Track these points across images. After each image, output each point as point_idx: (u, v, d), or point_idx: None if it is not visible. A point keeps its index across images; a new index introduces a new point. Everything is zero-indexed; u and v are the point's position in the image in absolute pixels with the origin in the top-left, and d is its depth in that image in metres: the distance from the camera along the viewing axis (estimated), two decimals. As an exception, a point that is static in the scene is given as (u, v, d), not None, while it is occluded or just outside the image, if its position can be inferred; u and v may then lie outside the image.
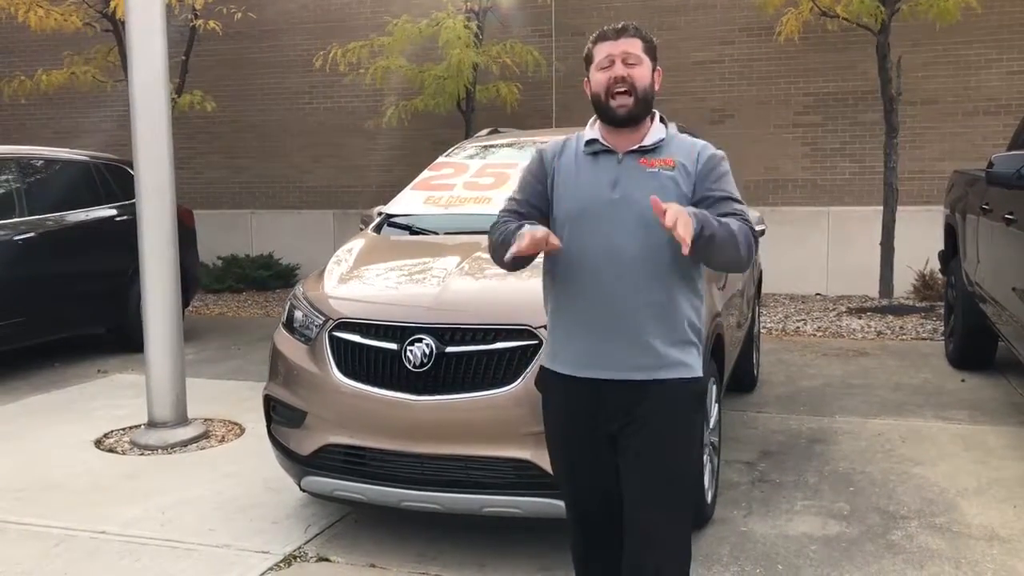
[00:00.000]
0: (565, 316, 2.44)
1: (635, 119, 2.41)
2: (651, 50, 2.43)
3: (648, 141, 2.42)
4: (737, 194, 2.43)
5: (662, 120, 2.50)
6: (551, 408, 2.54)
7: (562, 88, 10.65)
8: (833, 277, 9.93)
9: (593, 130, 2.48)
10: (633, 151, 2.41)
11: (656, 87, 2.44)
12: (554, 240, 2.28)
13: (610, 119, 2.41)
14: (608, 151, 2.43)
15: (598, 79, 2.40)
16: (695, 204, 2.36)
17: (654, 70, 2.44)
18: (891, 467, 4.53)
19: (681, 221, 2.09)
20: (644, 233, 2.33)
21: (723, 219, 2.30)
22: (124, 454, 4.95)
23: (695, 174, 2.40)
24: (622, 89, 2.36)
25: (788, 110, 10.09)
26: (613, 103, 2.38)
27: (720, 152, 2.48)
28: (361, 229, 4.92)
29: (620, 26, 2.43)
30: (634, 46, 2.39)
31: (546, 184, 2.50)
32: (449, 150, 5.38)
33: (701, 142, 2.50)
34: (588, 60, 2.46)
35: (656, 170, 2.38)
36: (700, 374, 2.44)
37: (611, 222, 2.36)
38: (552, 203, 2.48)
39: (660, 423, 2.35)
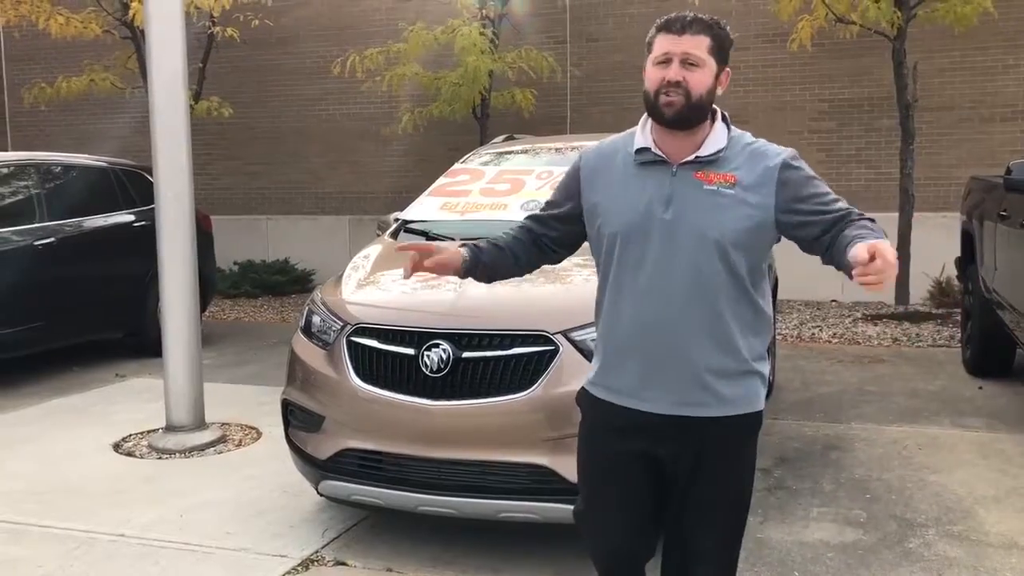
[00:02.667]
0: (612, 341, 2.23)
1: (686, 122, 2.13)
2: (719, 49, 2.13)
3: (706, 151, 2.15)
4: (830, 190, 2.18)
5: (725, 120, 2.22)
6: (591, 429, 2.32)
7: (577, 94, 10.67)
8: (848, 283, 9.73)
9: (644, 134, 2.21)
10: (689, 162, 2.15)
11: (720, 90, 2.17)
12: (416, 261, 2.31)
13: (657, 118, 2.16)
14: (661, 161, 2.17)
15: (651, 76, 2.13)
16: (784, 227, 2.15)
17: (720, 72, 2.15)
18: (908, 474, 4.51)
19: (886, 275, 1.86)
20: (699, 258, 2.11)
21: (863, 229, 2.06)
22: (142, 458, 4.99)
23: (775, 192, 2.12)
24: (673, 92, 2.10)
25: (803, 116, 10.07)
26: (660, 100, 2.11)
27: (788, 153, 2.19)
28: (378, 235, 4.95)
29: (689, 18, 2.11)
30: (699, 45, 2.10)
31: (577, 200, 2.31)
32: (465, 156, 5.40)
33: (769, 149, 2.21)
34: (648, 47, 2.17)
35: (715, 187, 2.12)
36: (759, 408, 2.23)
37: (662, 245, 2.12)
38: (591, 218, 2.27)
39: (714, 458, 2.20)
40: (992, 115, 9.48)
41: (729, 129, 2.22)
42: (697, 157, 2.15)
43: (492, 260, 2.42)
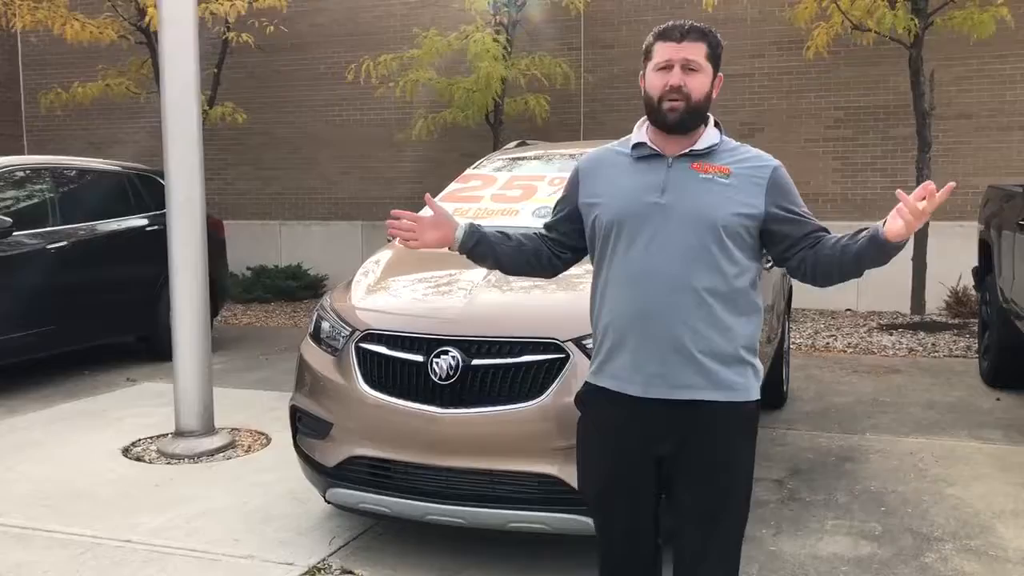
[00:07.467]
0: (610, 328, 2.28)
1: (685, 126, 2.25)
2: (715, 56, 2.26)
3: (700, 145, 2.27)
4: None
5: (717, 125, 2.34)
6: (591, 424, 2.38)
7: (591, 101, 10.65)
8: (864, 292, 9.82)
9: (641, 132, 2.34)
10: (683, 155, 2.26)
11: (715, 94, 2.29)
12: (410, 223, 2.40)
13: (660, 123, 2.26)
14: (657, 155, 2.28)
15: (653, 81, 2.25)
16: (772, 221, 2.25)
17: (715, 77, 2.27)
18: (924, 487, 4.44)
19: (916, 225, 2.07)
20: (693, 239, 2.18)
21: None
22: (151, 463, 4.97)
23: (766, 191, 2.24)
24: (675, 98, 2.21)
25: (819, 124, 10.01)
26: (664, 106, 2.22)
27: (777, 162, 2.34)
28: (388, 240, 4.92)
29: (687, 26, 2.23)
30: (697, 51, 2.22)
31: (576, 203, 2.41)
32: (477, 162, 5.38)
33: (760, 153, 2.35)
34: (647, 54, 2.28)
35: (711, 176, 2.23)
36: (753, 397, 2.27)
37: (657, 229, 2.21)
38: (588, 211, 2.36)
39: (709, 446, 2.22)
40: (1010, 124, 9.40)
41: (721, 132, 2.34)
42: (691, 150, 2.27)
43: (495, 238, 2.49)
